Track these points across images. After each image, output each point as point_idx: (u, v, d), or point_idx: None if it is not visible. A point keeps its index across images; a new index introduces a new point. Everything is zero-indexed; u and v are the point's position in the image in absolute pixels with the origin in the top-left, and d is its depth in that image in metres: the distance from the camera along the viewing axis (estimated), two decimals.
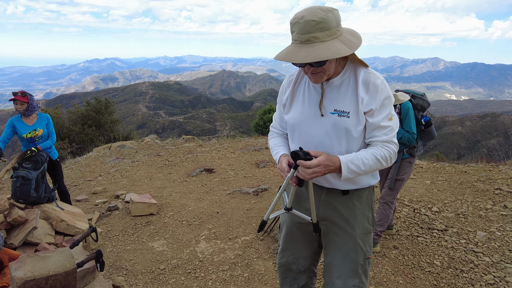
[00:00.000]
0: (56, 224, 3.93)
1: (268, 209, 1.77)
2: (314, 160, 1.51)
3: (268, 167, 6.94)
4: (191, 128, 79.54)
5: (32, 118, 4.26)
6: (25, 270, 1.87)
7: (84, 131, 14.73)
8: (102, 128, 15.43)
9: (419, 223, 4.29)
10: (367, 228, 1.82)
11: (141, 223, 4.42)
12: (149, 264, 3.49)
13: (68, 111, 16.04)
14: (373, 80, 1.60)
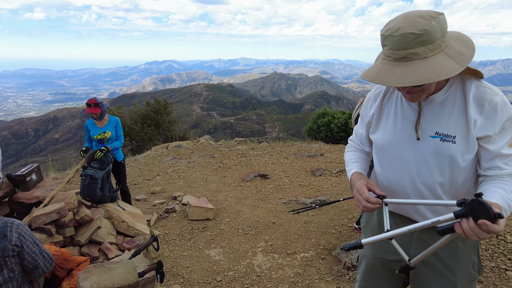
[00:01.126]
0: (118, 224, 4.02)
1: (367, 237, 1.46)
2: (501, 222, 1.03)
3: (325, 176, 6.61)
4: (241, 129, 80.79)
5: (103, 121, 4.44)
6: (91, 281, 1.83)
7: (144, 130, 15.46)
8: (160, 127, 16.09)
9: (505, 253, 3.71)
10: (471, 275, 1.49)
11: (197, 228, 4.38)
12: (206, 273, 3.40)
13: (129, 110, 17.00)
14: (490, 97, 1.27)
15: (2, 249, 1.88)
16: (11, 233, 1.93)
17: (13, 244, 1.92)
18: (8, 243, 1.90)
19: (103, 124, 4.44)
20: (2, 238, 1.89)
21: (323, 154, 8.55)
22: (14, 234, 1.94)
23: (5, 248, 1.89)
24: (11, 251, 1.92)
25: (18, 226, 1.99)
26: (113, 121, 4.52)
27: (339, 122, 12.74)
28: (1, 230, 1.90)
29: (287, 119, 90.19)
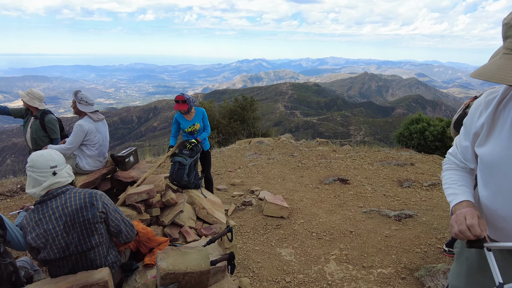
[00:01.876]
0: (198, 211, 4.27)
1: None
2: None
3: (414, 188, 6.02)
4: (323, 130, 78.97)
5: (191, 113, 4.72)
6: (167, 262, 1.95)
7: (230, 124, 16.23)
8: (245, 123, 16.71)
9: None
10: None
11: (271, 225, 4.39)
12: (275, 272, 3.38)
13: (219, 105, 18.03)
14: None
15: (93, 216, 2.13)
16: (97, 202, 2.17)
17: (100, 211, 2.16)
18: (96, 210, 2.14)
19: (192, 117, 4.71)
20: (91, 206, 2.13)
21: (414, 164, 7.80)
22: (100, 203, 2.18)
23: (95, 215, 2.13)
24: (99, 217, 2.16)
25: (101, 195, 2.24)
26: (200, 112, 4.77)
27: (435, 130, 11.47)
28: (89, 200, 2.15)
29: (374, 123, 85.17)
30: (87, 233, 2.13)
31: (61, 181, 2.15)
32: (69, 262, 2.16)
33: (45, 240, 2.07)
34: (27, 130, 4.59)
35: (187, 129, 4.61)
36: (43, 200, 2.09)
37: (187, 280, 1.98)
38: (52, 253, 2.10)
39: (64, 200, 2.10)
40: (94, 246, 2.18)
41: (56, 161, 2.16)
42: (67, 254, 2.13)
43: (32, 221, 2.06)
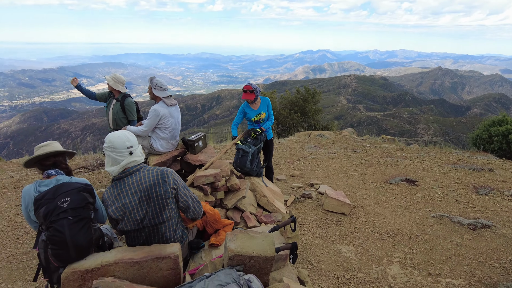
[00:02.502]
0: (259, 198, 4.35)
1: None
2: None
3: (492, 196, 5.45)
4: (388, 127, 74.71)
5: (256, 103, 4.79)
6: (236, 244, 2.03)
7: (291, 115, 16.17)
8: (306, 115, 16.51)
9: None
10: None
11: (331, 220, 4.32)
12: (334, 267, 3.33)
13: (280, 96, 18.02)
14: None
15: (165, 192, 2.28)
16: (168, 178, 2.31)
17: (171, 187, 2.31)
18: (168, 186, 2.29)
19: (257, 106, 4.78)
20: (163, 183, 2.29)
21: (493, 170, 7.05)
22: (171, 179, 2.32)
23: (166, 191, 2.29)
24: (170, 193, 2.31)
25: (172, 173, 2.38)
26: (265, 101, 4.82)
27: None
28: (162, 177, 2.30)
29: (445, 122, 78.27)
30: (160, 208, 2.30)
31: (137, 160, 2.33)
32: (143, 234, 2.36)
33: (122, 213, 2.28)
34: (109, 112, 5.05)
35: (254, 118, 4.69)
36: (120, 177, 2.29)
37: (252, 264, 2.05)
38: (129, 224, 2.31)
39: (139, 177, 2.28)
40: (166, 220, 2.34)
41: (131, 142, 2.34)
42: (142, 227, 2.32)
43: (112, 195, 2.28)
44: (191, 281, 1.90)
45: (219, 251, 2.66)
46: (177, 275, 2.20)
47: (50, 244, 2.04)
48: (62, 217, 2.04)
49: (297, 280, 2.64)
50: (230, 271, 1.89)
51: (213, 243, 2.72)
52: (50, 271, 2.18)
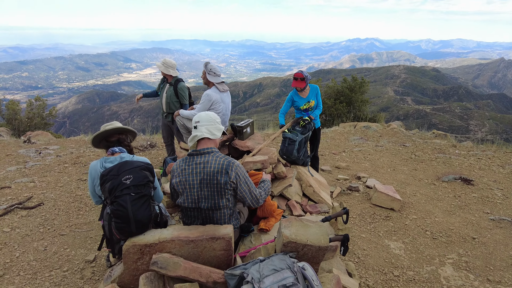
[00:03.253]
0: (305, 187, 4.32)
1: None
2: None
3: None
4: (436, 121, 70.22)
5: (305, 91, 4.70)
6: (291, 231, 2.03)
7: (335, 105, 15.75)
8: (351, 105, 15.99)
9: None
10: None
11: (380, 215, 4.19)
12: (382, 263, 3.24)
13: (326, 85, 17.58)
14: None
15: (224, 183, 2.32)
16: (231, 171, 2.33)
17: (231, 181, 2.34)
18: (228, 179, 2.32)
19: (306, 94, 4.69)
20: (225, 173, 2.32)
21: None
22: (233, 173, 2.34)
23: (226, 182, 2.33)
24: (229, 185, 2.34)
25: (237, 167, 2.38)
26: (314, 89, 4.71)
27: None
28: (226, 168, 2.33)
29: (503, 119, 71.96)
30: (217, 195, 2.36)
31: (197, 135, 2.42)
32: (199, 214, 2.44)
33: (183, 188, 2.39)
34: (163, 95, 5.22)
35: (302, 107, 4.62)
36: (191, 154, 2.40)
37: (304, 252, 2.05)
38: (187, 201, 2.41)
39: (206, 159, 2.35)
40: (221, 207, 2.40)
41: (199, 119, 2.47)
42: (198, 207, 2.40)
43: (179, 168, 2.39)
44: (244, 264, 1.94)
45: (268, 236, 2.69)
46: (229, 256, 2.26)
47: (113, 217, 2.18)
48: (125, 193, 2.17)
49: (345, 272, 2.60)
50: (284, 257, 1.90)
51: (263, 228, 2.75)
52: (113, 242, 2.34)
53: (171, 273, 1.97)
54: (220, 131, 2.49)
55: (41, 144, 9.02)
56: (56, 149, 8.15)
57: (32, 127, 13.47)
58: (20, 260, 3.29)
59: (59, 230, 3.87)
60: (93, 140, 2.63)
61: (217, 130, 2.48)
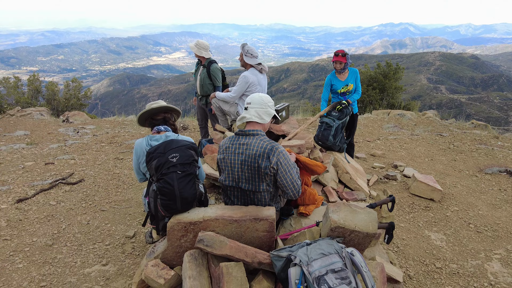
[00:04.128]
0: (341, 174, 4.23)
1: None
2: None
3: None
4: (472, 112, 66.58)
5: (344, 74, 4.53)
6: (339, 216, 1.98)
7: (368, 92, 15.26)
8: (385, 92, 15.46)
9: None
10: None
11: (419, 205, 4.04)
12: (423, 254, 3.14)
13: (358, 70, 17.06)
14: None
15: (264, 167, 2.28)
16: (273, 157, 2.27)
17: (271, 166, 2.28)
18: (268, 164, 2.27)
19: (345, 77, 4.53)
20: (266, 158, 2.27)
21: None
22: (275, 159, 2.28)
23: (266, 167, 2.28)
24: (269, 170, 2.29)
25: (280, 153, 2.29)
26: (353, 72, 4.54)
27: None
28: (268, 152, 2.27)
29: None
30: (257, 178, 2.32)
31: (246, 116, 2.40)
32: (240, 195, 2.44)
33: (225, 165, 2.39)
34: (197, 78, 5.21)
35: (340, 90, 4.48)
36: (237, 133, 2.38)
37: (351, 238, 2.00)
38: (228, 179, 2.41)
39: (250, 141, 2.32)
40: (261, 191, 2.37)
41: (251, 100, 2.43)
42: (238, 186, 2.39)
43: (224, 145, 2.40)
44: (290, 246, 1.92)
45: (308, 221, 2.65)
46: (271, 237, 2.25)
47: (159, 194, 2.21)
48: (172, 171, 2.19)
49: (388, 260, 2.54)
50: (331, 241, 1.86)
51: (302, 212, 2.72)
52: (157, 219, 2.39)
53: (217, 251, 1.98)
54: (270, 116, 2.43)
55: (78, 123, 9.38)
56: (92, 129, 8.45)
57: (69, 108, 14.02)
58: (66, 232, 3.46)
59: (100, 206, 4.03)
60: (139, 118, 2.67)
61: (267, 114, 2.42)
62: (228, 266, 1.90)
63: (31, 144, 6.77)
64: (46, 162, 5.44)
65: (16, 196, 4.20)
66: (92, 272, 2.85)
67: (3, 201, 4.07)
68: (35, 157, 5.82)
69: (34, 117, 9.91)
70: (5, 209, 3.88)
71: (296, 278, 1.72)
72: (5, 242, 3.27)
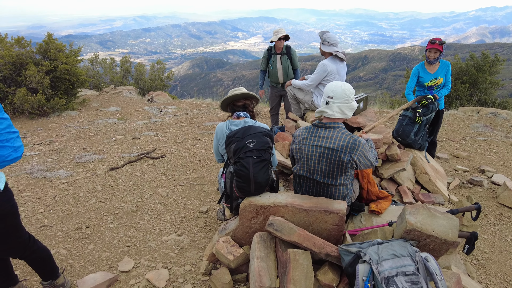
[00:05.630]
0: (419, 174, 3.97)
1: None
2: None
3: None
4: None
5: (435, 65, 4.15)
6: (416, 218, 1.89)
7: (456, 86, 13.78)
8: (476, 87, 13.80)
9: None
10: None
11: (508, 217, 3.62)
12: (509, 271, 2.83)
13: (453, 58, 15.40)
14: None
15: (347, 161, 2.26)
16: (355, 152, 2.25)
17: (353, 160, 2.27)
18: (350, 158, 2.26)
19: (435, 70, 4.15)
20: (349, 152, 2.25)
21: None
22: (358, 153, 2.26)
23: (349, 161, 2.27)
24: (351, 164, 2.28)
25: (363, 146, 2.27)
26: (444, 65, 4.14)
27: None
28: (351, 147, 2.24)
29: None
30: (337, 171, 2.32)
31: (327, 112, 2.31)
32: (312, 185, 2.46)
33: (301, 155, 2.42)
34: (278, 67, 5.20)
35: (428, 83, 4.13)
36: (316, 125, 2.39)
37: (427, 242, 1.90)
38: (302, 169, 2.45)
39: (331, 135, 2.31)
40: (338, 184, 2.37)
41: (332, 92, 2.29)
42: (312, 178, 2.42)
43: (301, 136, 2.42)
44: (360, 243, 1.90)
45: (379, 219, 2.58)
46: (340, 232, 2.24)
47: (235, 176, 2.35)
48: (248, 156, 2.30)
49: (466, 272, 2.35)
50: (405, 244, 1.80)
51: (374, 210, 2.64)
52: (232, 199, 2.54)
53: (285, 237, 2.05)
54: (353, 110, 2.35)
55: (161, 103, 10.21)
56: (173, 109, 9.12)
57: (153, 88, 15.28)
58: (148, 201, 3.86)
59: (178, 180, 4.39)
60: (222, 103, 2.83)
61: (350, 109, 2.33)
62: (295, 253, 1.96)
63: (122, 120, 7.58)
64: (134, 137, 6.06)
65: (109, 164, 4.79)
66: (168, 240, 3.15)
67: (100, 168, 4.68)
68: (124, 132, 6.52)
69: (124, 95, 11.05)
70: (101, 175, 4.46)
71: (364, 275, 1.70)
72: (100, 203, 3.78)
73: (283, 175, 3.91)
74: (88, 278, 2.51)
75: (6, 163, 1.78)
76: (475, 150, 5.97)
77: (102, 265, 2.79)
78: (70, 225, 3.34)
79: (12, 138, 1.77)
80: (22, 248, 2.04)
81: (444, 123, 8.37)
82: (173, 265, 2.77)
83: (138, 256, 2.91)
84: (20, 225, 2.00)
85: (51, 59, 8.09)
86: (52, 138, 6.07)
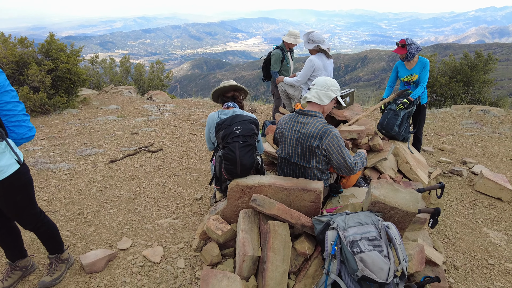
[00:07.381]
0: (401, 164, 4.21)
1: None
2: None
3: None
4: None
5: (412, 62, 4.37)
6: (380, 192, 2.14)
7: (450, 84, 14.02)
8: (470, 86, 14.06)
9: None
10: None
11: (482, 202, 3.87)
12: (476, 249, 3.07)
13: (442, 61, 15.65)
14: None
15: (316, 147, 2.51)
16: (325, 139, 2.48)
17: (322, 148, 2.50)
18: (319, 145, 2.50)
19: (412, 66, 4.37)
20: (319, 139, 2.49)
21: None
22: (326, 141, 2.48)
23: (317, 147, 2.51)
24: (319, 151, 2.52)
25: (332, 137, 2.47)
26: (421, 63, 4.33)
27: None
28: (321, 134, 2.49)
29: None
30: (308, 155, 2.58)
31: (307, 96, 2.63)
32: (291, 168, 2.72)
33: (280, 139, 2.73)
34: (291, 63, 5.62)
35: (404, 78, 4.38)
36: (297, 112, 2.66)
37: (391, 215, 2.14)
38: (282, 151, 2.72)
39: (307, 121, 2.57)
40: (311, 167, 2.63)
41: (316, 83, 2.64)
42: (290, 160, 2.69)
43: (283, 121, 2.72)
44: (331, 214, 2.15)
45: (355, 199, 2.82)
46: (317, 208, 2.49)
47: (224, 160, 2.60)
48: (235, 141, 2.55)
49: (431, 245, 2.60)
50: (370, 214, 2.04)
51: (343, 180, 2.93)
52: (221, 181, 2.79)
53: (267, 210, 2.30)
54: (329, 98, 2.58)
55: (159, 102, 10.46)
56: (171, 107, 9.37)
57: (152, 87, 15.55)
58: (146, 190, 4.11)
59: (174, 171, 4.64)
60: (213, 94, 3.08)
61: (326, 97, 2.58)
62: (275, 224, 2.21)
63: (121, 117, 7.83)
64: (132, 133, 6.31)
65: (109, 157, 5.03)
66: (164, 223, 3.40)
67: (100, 161, 4.93)
68: (124, 128, 6.77)
69: (124, 94, 11.30)
70: (101, 167, 4.71)
71: (332, 240, 1.95)
72: (101, 192, 4.03)
73: (273, 166, 4.14)
74: (89, 254, 2.76)
75: (24, 140, 2.07)
76: (460, 144, 6.22)
77: (103, 245, 3.03)
78: (72, 211, 3.58)
79: (27, 119, 2.06)
80: (35, 219, 2.29)
81: (435, 120, 8.63)
82: (168, 243, 3.01)
83: (136, 236, 3.15)
84: (34, 198, 2.26)
85: (52, 59, 8.35)
86: (54, 134, 6.32)
